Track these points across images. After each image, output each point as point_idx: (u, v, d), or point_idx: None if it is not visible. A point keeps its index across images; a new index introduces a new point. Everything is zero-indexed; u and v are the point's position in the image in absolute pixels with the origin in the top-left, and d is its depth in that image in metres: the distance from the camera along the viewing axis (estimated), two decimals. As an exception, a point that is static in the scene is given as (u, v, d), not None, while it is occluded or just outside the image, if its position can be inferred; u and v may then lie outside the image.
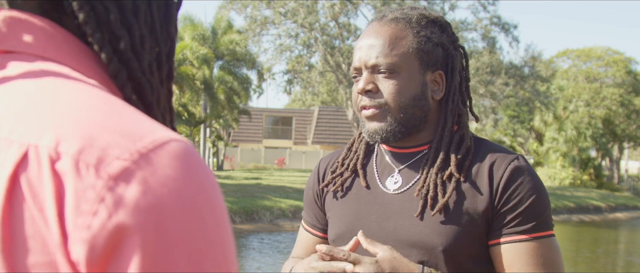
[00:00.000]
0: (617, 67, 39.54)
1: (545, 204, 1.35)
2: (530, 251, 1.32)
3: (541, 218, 1.34)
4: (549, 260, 1.33)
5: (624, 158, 46.04)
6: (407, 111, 1.36)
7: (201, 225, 0.47)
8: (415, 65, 1.37)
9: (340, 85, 25.31)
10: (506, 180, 1.33)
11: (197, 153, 0.50)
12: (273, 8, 24.14)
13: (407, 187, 1.40)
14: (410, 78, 1.36)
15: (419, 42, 1.37)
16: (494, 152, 1.38)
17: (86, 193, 0.46)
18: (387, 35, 1.37)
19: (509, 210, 1.33)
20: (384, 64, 1.36)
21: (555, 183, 32.78)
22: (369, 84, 1.37)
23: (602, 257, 14.85)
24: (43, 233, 0.47)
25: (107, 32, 0.57)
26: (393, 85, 1.35)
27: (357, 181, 1.48)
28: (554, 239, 1.36)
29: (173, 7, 0.64)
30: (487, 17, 26.22)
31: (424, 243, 1.33)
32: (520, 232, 1.32)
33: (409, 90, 1.36)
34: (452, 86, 1.41)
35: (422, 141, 1.42)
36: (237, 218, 15.49)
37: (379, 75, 1.37)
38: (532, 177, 1.35)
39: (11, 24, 0.56)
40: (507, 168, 1.34)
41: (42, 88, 0.52)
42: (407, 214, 1.37)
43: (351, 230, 1.41)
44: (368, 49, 1.38)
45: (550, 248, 1.34)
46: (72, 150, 0.47)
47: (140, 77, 0.59)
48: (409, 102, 1.36)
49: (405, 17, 1.40)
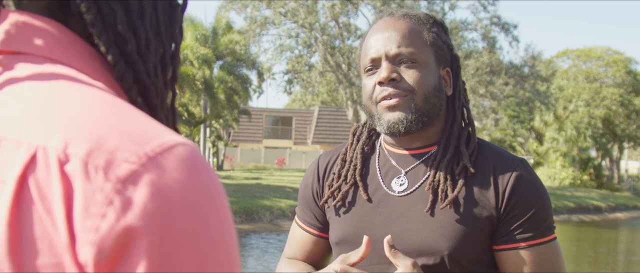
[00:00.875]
0: (617, 67, 39.54)
1: (548, 210, 1.38)
2: (535, 256, 1.35)
3: (545, 224, 1.37)
4: (553, 263, 1.37)
5: (624, 158, 46.04)
6: (429, 100, 1.37)
7: (206, 228, 0.48)
8: (432, 58, 1.39)
9: (340, 85, 25.30)
10: (512, 187, 1.34)
11: (202, 157, 0.51)
12: (273, 8, 24.14)
13: (413, 189, 1.39)
14: (429, 69, 1.38)
15: (432, 37, 1.40)
16: (498, 155, 1.39)
17: (95, 196, 0.46)
18: (405, 27, 1.39)
19: (514, 218, 1.34)
20: (406, 53, 1.36)
21: (555, 183, 32.76)
22: (393, 72, 1.36)
23: (603, 257, 14.85)
24: (51, 235, 0.47)
25: (113, 34, 0.57)
26: (417, 73, 1.36)
27: (358, 181, 1.45)
28: (556, 242, 1.39)
29: (178, 9, 0.64)
30: (487, 17, 26.24)
31: (430, 247, 1.33)
32: (525, 239, 1.35)
33: (430, 80, 1.38)
34: (458, 84, 1.44)
35: (429, 141, 1.42)
36: (237, 218, 15.49)
37: (400, 66, 1.37)
38: (535, 184, 1.38)
39: (19, 26, 0.56)
40: (512, 175, 1.35)
41: (50, 90, 0.53)
42: (412, 217, 1.36)
43: (355, 233, 1.40)
44: (386, 40, 1.38)
45: (553, 251, 1.38)
46: (81, 153, 0.47)
47: (146, 79, 0.59)
48: (431, 91, 1.37)
49: (414, 15, 1.43)
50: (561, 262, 1.39)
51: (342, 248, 1.41)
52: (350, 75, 24.48)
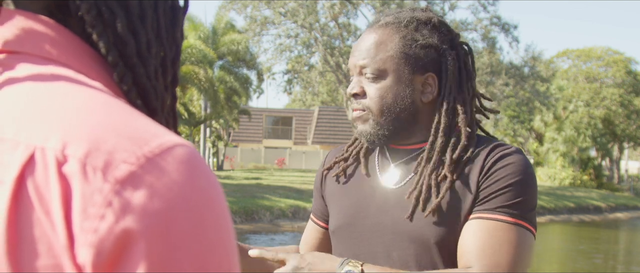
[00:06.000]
0: (617, 67, 39.55)
1: (523, 193, 1.31)
2: (485, 230, 1.29)
3: (515, 205, 1.30)
4: (500, 245, 1.27)
5: (624, 158, 46.05)
6: (389, 115, 1.39)
7: (205, 230, 0.48)
8: (402, 69, 1.38)
9: (340, 85, 25.32)
10: (492, 163, 1.33)
11: (201, 158, 0.51)
12: (273, 8, 24.15)
13: (402, 183, 1.42)
14: (397, 81, 1.38)
15: (404, 45, 1.38)
16: (493, 146, 1.37)
17: (93, 197, 0.46)
18: (374, 40, 1.40)
19: (485, 189, 1.32)
20: (369, 67, 1.39)
21: (555, 183, 32.78)
22: (355, 87, 1.42)
23: (603, 257, 14.85)
24: (49, 236, 0.47)
25: (113, 36, 0.57)
26: (376, 89, 1.39)
27: (358, 171, 1.51)
28: (521, 231, 1.30)
29: (179, 11, 0.63)
30: (487, 17, 26.25)
31: (418, 237, 1.35)
32: (486, 209, 1.31)
33: (393, 93, 1.38)
34: (446, 87, 1.40)
35: (418, 139, 1.43)
36: (237, 218, 15.49)
37: (365, 79, 1.41)
38: (519, 166, 1.32)
39: (18, 26, 0.56)
40: (498, 154, 1.34)
41: (48, 90, 0.52)
42: (405, 208, 1.38)
43: (350, 222, 1.45)
44: (358, 52, 1.42)
45: (510, 237, 1.28)
46: (79, 153, 0.47)
47: (146, 82, 0.58)
48: (391, 106, 1.38)
49: (395, 21, 1.41)
50: (516, 254, 1.27)
51: (337, 237, 1.48)
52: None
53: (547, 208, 23.08)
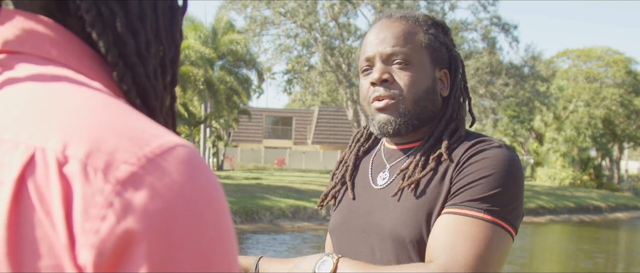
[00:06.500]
0: (617, 67, 39.54)
1: (496, 187, 1.25)
2: (453, 225, 1.24)
3: (483, 197, 1.25)
4: (467, 243, 1.21)
5: (624, 158, 46.04)
6: (419, 103, 1.38)
7: (206, 230, 0.48)
8: (427, 60, 1.40)
9: (340, 85, 25.31)
10: (468, 157, 1.30)
11: (202, 158, 0.51)
12: (273, 8, 24.15)
13: (390, 181, 1.41)
14: (423, 71, 1.39)
15: (428, 38, 1.40)
16: (475, 141, 1.33)
17: (94, 198, 0.46)
18: (401, 29, 1.40)
19: (455, 184, 1.29)
20: (400, 54, 1.37)
21: (555, 184, 32.78)
22: (385, 73, 1.38)
23: (603, 257, 14.85)
24: (50, 237, 0.47)
25: (113, 36, 0.57)
26: (408, 76, 1.37)
27: (356, 171, 1.52)
28: (491, 227, 1.23)
29: (178, 11, 0.63)
30: (487, 17, 26.25)
31: (396, 236, 1.33)
32: (453, 204, 1.27)
33: (422, 82, 1.38)
34: (455, 85, 1.44)
35: (418, 137, 1.44)
36: (237, 218, 15.50)
37: (393, 66, 1.38)
38: (496, 159, 1.27)
39: (17, 25, 0.56)
40: (476, 148, 1.30)
41: (48, 90, 0.52)
42: (388, 207, 1.38)
43: (343, 222, 1.46)
44: (382, 41, 1.40)
45: (477, 233, 1.22)
46: (80, 154, 0.47)
47: (145, 82, 0.58)
48: (422, 94, 1.38)
49: (412, 16, 1.44)
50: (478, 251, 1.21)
51: (333, 237, 1.50)
52: (350, 76, 24.48)
53: (547, 208, 23.10)
